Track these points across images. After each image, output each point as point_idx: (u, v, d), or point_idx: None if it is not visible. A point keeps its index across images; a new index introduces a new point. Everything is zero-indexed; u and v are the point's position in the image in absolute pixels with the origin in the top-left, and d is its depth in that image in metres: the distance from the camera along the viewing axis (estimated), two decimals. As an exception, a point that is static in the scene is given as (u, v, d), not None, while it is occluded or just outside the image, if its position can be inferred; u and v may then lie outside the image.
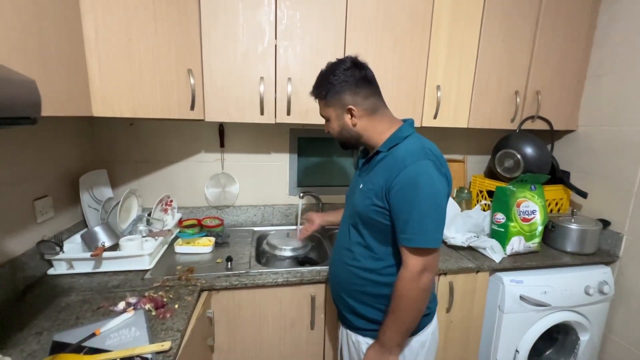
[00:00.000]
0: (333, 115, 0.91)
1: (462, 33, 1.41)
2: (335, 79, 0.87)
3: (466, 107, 1.49)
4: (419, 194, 0.76)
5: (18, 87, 0.46)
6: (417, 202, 0.77)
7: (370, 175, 0.90)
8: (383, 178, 0.83)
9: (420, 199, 0.77)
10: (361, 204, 0.89)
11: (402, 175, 0.78)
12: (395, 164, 0.81)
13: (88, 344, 0.76)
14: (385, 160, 0.86)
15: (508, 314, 1.33)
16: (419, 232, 0.77)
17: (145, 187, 1.55)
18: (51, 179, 1.18)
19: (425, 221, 0.77)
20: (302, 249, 1.39)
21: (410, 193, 0.77)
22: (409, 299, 0.81)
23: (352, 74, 0.87)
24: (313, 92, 0.93)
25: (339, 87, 0.87)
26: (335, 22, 1.28)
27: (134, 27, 1.04)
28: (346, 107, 0.89)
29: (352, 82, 0.87)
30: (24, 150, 1.04)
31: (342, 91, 0.88)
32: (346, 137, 0.93)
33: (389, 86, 1.36)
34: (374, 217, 0.86)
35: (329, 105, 0.91)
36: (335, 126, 0.92)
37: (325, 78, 0.89)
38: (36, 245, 1.06)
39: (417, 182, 0.77)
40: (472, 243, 1.41)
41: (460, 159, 1.90)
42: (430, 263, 0.80)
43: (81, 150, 1.37)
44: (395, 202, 0.80)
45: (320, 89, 0.90)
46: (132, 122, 1.48)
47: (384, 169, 0.84)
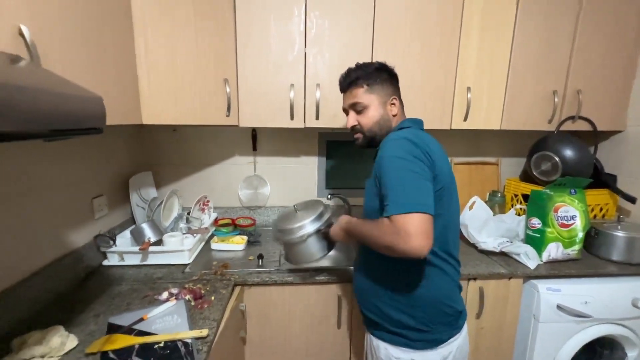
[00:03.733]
0: (376, 103, 0.92)
1: (493, 33, 1.38)
2: (382, 69, 0.93)
3: (498, 108, 1.45)
4: (392, 167, 0.77)
5: (88, 103, 0.54)
6: (393, 169, 0.76)
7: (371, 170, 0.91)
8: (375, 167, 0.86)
9: (394, 171, 0.76)
10: (368, 201, 0.91)
11: (379, 156, 0.81)
12: (381, 146, 0.84)
13: (137, 327, 0.85)
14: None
15: (544, 323, 1.27)
16: (397, 197, 0.73)
17: (185, 188, 1.67)
18: (106, 180, 1.32)
19: (402, 187, 0.73)
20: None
21: (386, 168, 0.78)
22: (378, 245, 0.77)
23: (391, 72, 0.95)
24: (352, 77, 0.93)
25: (386, 75, 0.93)
26: (363, 28, 1.32)
27: (177, 42, 1.15)
28: (391, 97, 0.93)
29: (392, 79, 0.94)
30: (85, 154, 1.18)
31: (389, 81, 0.93)
32: (381, 128, 0.93)
33: (417, 90, 1.37)
34: (377, 207, 0.86)
35: (373, 92, 0.92)
36: (376, 115, 0.92)
37: (372, 65, 0.93)
38: (93, 239, 1.20)
39: (391, 150, 0.79)
40: (504, 248, 1.37)
41: (494, 162, 1.84)
42: (413, 227, 0.69)
43: (130, 154, 1.51)
44: (380, 180, 0.80)
45: (368, 72, 0.92)
46: (175, 128, 1.61)
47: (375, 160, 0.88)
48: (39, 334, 0.76)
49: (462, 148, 1.81)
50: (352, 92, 0.94)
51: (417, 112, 1.39)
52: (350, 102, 0.95)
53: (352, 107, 0.96)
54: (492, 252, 1.39)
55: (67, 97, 0.49)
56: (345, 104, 0.98)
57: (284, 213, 1.16)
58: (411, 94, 1.36)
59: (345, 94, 0.98)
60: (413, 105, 1.37)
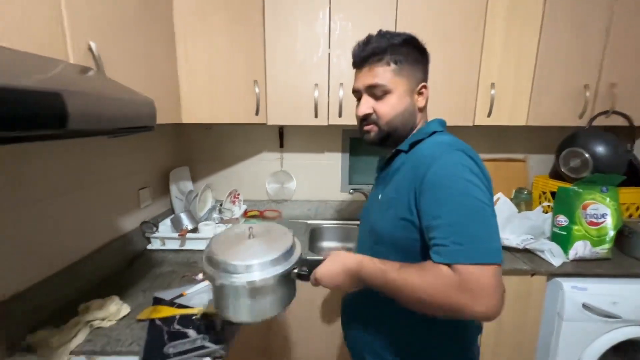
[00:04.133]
0: (401, 89, 0.70)
1: (520, 27, 1.36)
2: (413, 44, 0.71)
3: (525, 104, 1.43)
4: (464, 190, 0.57)
5: (143, 105, 0.65)
6: (464, 199, 0.57)
7: (389, 182, 0.73)
8: (407, 181, 0.65)
9: (467, 196, 0.57)
10: (381, 219, 0.70)
11: (434, 170, 0.60)
12: (423, 161, 0.63)
13: (178, 301, 0.97)
14: (407, 160, 0.69)
15: (568, 321, 1.25)
16: (473, 239, 0.55)
17: (218, 182, 1.81)
18: (150, 174, 1.47)
19: (479, 224, 0.56)
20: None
21: (453, 190, 0.57)
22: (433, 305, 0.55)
23: (423, 50, 0.74)
24: (378, 45, 0.69)
25: (418, 55, 0.71)
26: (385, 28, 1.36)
27: (212, 48, 1.26)
28: (420, 84, 0.72)
29: (425, 58, 0.73)
30: (131, 151, 1.33)
31: (419, 63, 0.72)
32: (403, 122, 0.72)
33: (438, 87, 1.39)
34: (400, 235, 0.66)
35: (401, 74, 0.70)
36: (400, 104, 0.70)
37: (400, 36, 0.70)
38: (140, 225, 1.35)
39: (458, 175, 0.58)
40: (528, 245, 1.36)
41: (521, 159, 1.81)
42: (492, 285, 0.53)
43: (170, 151, 1.66)
44: (429, 205, 0.59)
45: (396, 45, 0.69)
46: (209, 127, 1.75)
47: (406, 172, 0.67)
48: (99, 301, 0.90)
49: (487, 144, 1.79)
50: (372, 68, 0.70)
51: (440, 108, 1.41)
52: (367, 82, 0.71)
53: (369, 90, 0.72)
54: (515, 248, 1.39)
55: (127, 101, 0.60)
56: (360, 83, 0.73)
57: (228, 235, 0.73)
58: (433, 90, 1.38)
59: (360, 70, 0.73)
60: (435, 102, 1.39)
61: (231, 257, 0.63)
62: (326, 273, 0.66)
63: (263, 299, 0.65)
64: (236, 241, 0.70)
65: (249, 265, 0.62)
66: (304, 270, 0.69)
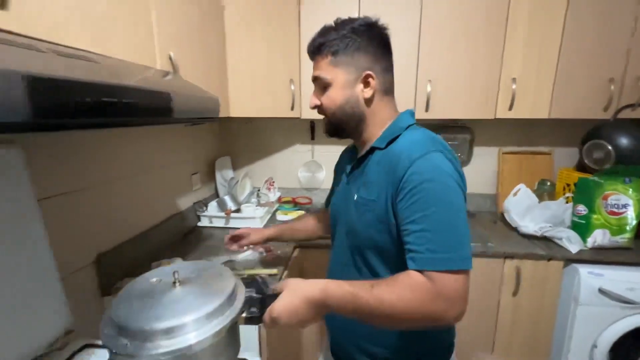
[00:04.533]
0: (340, 80, 0.68)
1: (542, 22, 1.42)
2: (354, 34, 0.66)
3: (547, 97, 1.48)
4: (441, 196, 0.57)
5: (211, 100, 0.83)
6: (440, 206, 0.57)
7: (365, 180, 0.70)
8: (384, 183, 0.64)
9: (444, 202, 0.57)
10: (359, 221, 0.69)
11: (413, 172, 0.59)
12: (399, 162, 0.61)
13: (227, 265, 1.17)
14: (384, 159, 0.67)
15: (583, 305, 1.31)
16: (448, 248, 0.56)
17: (255, 170, 2.01)
18: (199, 161, 1.70)
19: (453, 232, 0.57)
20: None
21: (430, 195, 0.57)
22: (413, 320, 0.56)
23: (376, 35, 0.69)
24: (316, 43, 0.69)
25: (358, 43, 0.66)
26: (410, 28, 1.47)
27: (254, 51, 1.45)
28: (363, 73, 0.67)
29: (375, 45, 0.68)
30: (186, 141, 1.55)
31: (362, 51, 0.67)
32: (347, 115, 0.70)
33: (461, 82, 1.48)
34: (379, 238, 0.66)
35: (338, 65, 0.67)
36: (339, 96, 0.69)
37: (341, 29, 0.67)
38: (192, 205, 1.57)
39: (436, 179, 0.57)
40: (546, 232, 1.42)
41: (546, 152, 1.84)
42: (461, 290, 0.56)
43: (215, 142, 1.88)
44: (407, 208, 0.59)
45: (331, 39, 0.67)
46: (250, 121, 1.95)
47: (383, 172, 0.65)
48: (167, 260, 1.12)
49: (513, 138, 1.84)
50: (316, 61, 0.71)
51: (461, 102, 1.51)
52: (313, 74, 0.72)
53: (315, 82, 0.72)
54: (533, 235, 1.46)
55: (202, 97, 0.78)
56: (312, 76, 0.73)
57: (141, 289, 0.52)
58: (456, 85, 1.49)
59: (313, 63, 0.73)
60: (458, 96, 1.50)
61: (156, 319, 0.44)
62: (284, 310, 0.55)
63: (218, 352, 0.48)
64: (158, 294, 0.49)
65: (183, 325, 0.44)
66: (252, 312, 0.55)
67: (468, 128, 1.83)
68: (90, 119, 0.44)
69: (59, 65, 0.43)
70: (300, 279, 0.60)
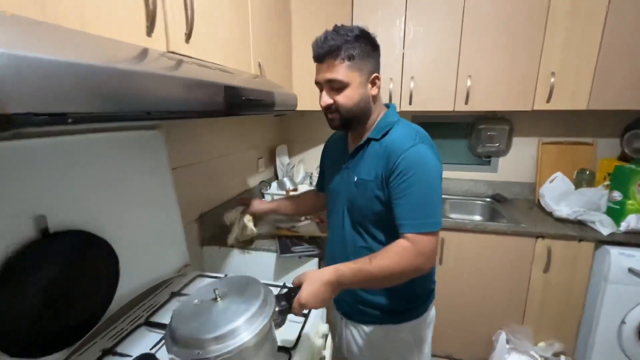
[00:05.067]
0: (357, 82, 0.80)
1: (583, 16, 1.49)
2: (364, 37, 0.80)
3: (586, 89, 1.56)
4: (422, 178, 0.76)
5: (291, 96, 1.10)
6: (421, 186, 0.76)
7: (363, 164, 0.86)
8: (381, 166, 0.81)
9: (424, 183, 0.76)
10: (360, 197, 0.85)
11: (403, 159, 0.76)
12: (394, 149, 0.79)
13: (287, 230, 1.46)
14: (379, 148, 0.83)
15: (613, 283, 1.41)
16: (425, 216, 0.75)
17: (308, 157, 2.29)
18: (263, 147, 2.01)
19: (429, 206, 0.76)
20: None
21: (414, 177, 0.75)
22: (404, 273, 0.74)
23: (375, 42, 0.83)
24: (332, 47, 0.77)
25: (368, 49, 0.80)
26: (452, 28, 1.63)
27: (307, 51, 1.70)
28: (372, 75, 0.82)
29: (377, 50, 0.83)
30: (252, 131, 1.87)
31: (370, 55, 0.80)
32: (361, 110, 0.83)
33: (499, 76, 1.62)
34: (376, 209, 0.83)
35: (354, 69, 0.79)
36: (356, 94, 0.80)
37: (352, 31, 0.78)
38: (258, 184, 1.89)
39: (420, 165, 0.76)
40: (580, 216, 1.52)
41: (589, 142, 1.88)
42: (434, 247, 0.76)
43: (275, 132, 2.19)
44: (396, 187, 0.77)
45: (347, 45, 0.77)
46: (302, 113, 2.23)
47: (379, 158, 0.82)
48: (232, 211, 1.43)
49: (553, 128, 1.91)
50: (330, 64, 0.79)
51: (500, 94, 1.65)
52: (326, 77, 0.80)
53: (329, 84, 0.81)
54: (566, 219, 1.56)
55: (286, 94, 1.05)
56: (321, 77, 0.81)
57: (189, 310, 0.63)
58: (495, 79, 1.62)
59: (320, 65, 0.81)
60: (496, 90, 1.64)
61: (216, 328, 0.56)
62: (310, 295, 0.69)
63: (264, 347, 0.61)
64: (206, 310, 0.61)
65: (236, 328, 0.56)
66: (283, 305, 0.69)
67: (507, 120, 1.93)
68: (238, 110, 0.72)
69: (225, 78, 0.71)
70: (314, 270, 0.81)
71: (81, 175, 0.78)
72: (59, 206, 0.73)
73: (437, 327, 1.68)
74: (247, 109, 0.73)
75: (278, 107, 0.92)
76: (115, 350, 0.79)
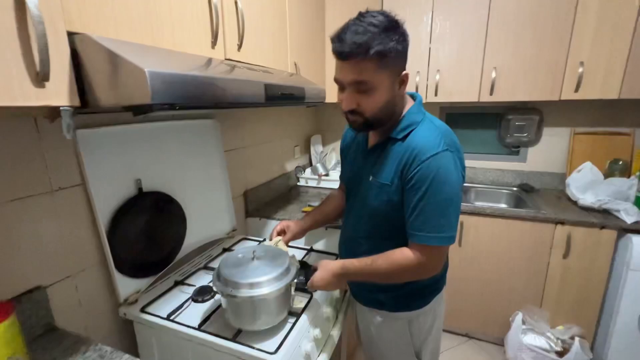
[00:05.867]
0: (386, 83, 0.72)
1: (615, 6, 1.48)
2: (396, 32, 0.69)
3: (618, 78, 1.55)
4: (440, 191, 0.72)
5: (321, 90, 1.30)
6: (438, 199, 0.73)
7: (381, 165, 0.82)
8: (398, 170, 0.77)
9: (441, 196, 0.73)
10: (375, 199, 0.83)
11: (421, 169, 0.72)
12: (413, 155, 0.74)
13: (321, 206, 1.67)
14: (400, 150, 0.78)
15: (635, 271, 1.43)
16: (436, 230, 0.73)
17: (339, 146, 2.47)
18: (299, 137, 2.24)
19: (443, 219, 0.74)
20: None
21: (431, 190, 0.72)
22: (403, 278, 0.81)
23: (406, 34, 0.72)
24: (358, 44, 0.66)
25: (401, 46, 0.70)
26: (478, 24, 1.70)
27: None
28: (402, 74, 0.74)
29: (407, 42, 0.73)
30: (289, 120, 2.10)
31: (402, 53, 0.72)
32: (386, 113, 0.77)
33: (525, 67, 1.66)
34: (391, 213, 0.81)
35: (383, 68, 0.70)
36: (382, 98, 0.73)
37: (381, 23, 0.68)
38: (294, 168, 2.13)
39: (438, 177, 0.72)
40: (604, 205, 1.54)
41: (627, 132, 1.84)
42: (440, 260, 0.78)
43: (310, 122, 2.41)
44: (412, 196, 0.75)
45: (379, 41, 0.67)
46: (336, 106, 2.41)
47: (398, 159, 0.78)
48: (283, 199, 1.67)
49: (586, 118, 1.89)
50: (356, 63, 0.69)
51: (525, 85, 1.69)
52: (352, 77, 0.72)
53: (353, 85, 0.73)
54: (592, 208, 1.58)
55: (316, 88, 1.25)
56: (344, 77, 0.73)
57: (233, 260, 0.86)
58: (520, 71, 1.67)
59: (343, 63, 0.72)
60: (521, 80, 1.69)
61: (247, 277, 0.78)
62: (320, 280, 0.86)
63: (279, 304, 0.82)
64: (243, 264, 0.84)
65: (260, 282, 0.78)
66: (300, 280, 0.90)
67: (537, 110, 1.95)
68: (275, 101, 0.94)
69: (266, 77, 0.93)
70: (328, 260, 0.89)
71: (163, 152, 1.06)
72: (148, 173, 1.01)
73: (456, 305, 1.82)
74: (282, 101, 0.94)
75: (308, 100, 1.13)
76: (184, 282, 1.07)
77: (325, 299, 1.03)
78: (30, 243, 0.76)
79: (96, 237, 0.90)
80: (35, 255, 0.77)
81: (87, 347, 0.74)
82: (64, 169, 0.82)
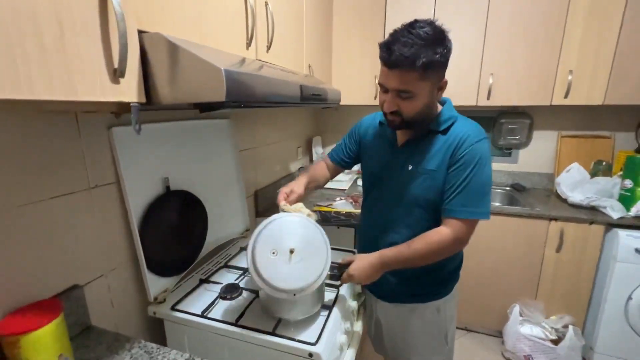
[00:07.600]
0: (427, 90, 0.78)
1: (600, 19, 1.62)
2: (443, 44, 0.74)
3: (602, 86, 1.69)
4: (483, 172, 0.82)
5: (335, 92, 1.34)
6: (481, 178, 0.82)
7: (422, 154, 0.88)
8: (446, 156, 0.85)
9: (483, 177, 0.82)
10: (417, 187, 0.89)
11: (469, 152, 0.82)
12: (461, 141, 0.83)
13: (328, 206, 1.71)
14: (442, 138, 0.87)
15: (620, 262, 1.55)
16: (479, 205, 0.82)
17: (339, 148, 2.52)
18: (301, 138, 2.27)
19: (485, 197, 0.83)
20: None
21: (477, 170, 0.81)
22: (440, 256, 0.86)
23: (450, 46, 0.78)
24: (411, 53, 0.71)
25: (445, 55, 0.75)
26: (477, 29, 1.80)
27: (349, 55, 1.93)
28: (442, 81, 0.81)
29: (449, 52, 0.77)
30: (292, 123, 2.13)
31: (445, 64, 0.77)
32: (423, 116, 0.84)
33: (519, 74, 1.78)
34: (432, 197, 0.87)
35: (426, 79, 0.76)
36: (421, 103, 0.80)
37: (430, 35, 0.72)
38: (298, 169, 2.16)
39: (482, 161, 0.82)
40: (592, 202, 1.67)
41: (607, 136, 1.99)
42: (472, 233, 0.85)
43: (311, 124, 2.44)
44: (456, 176, 0.83)
45: (425, 54, 0.71)
46: (336, 108, 2.47)
47: (444, 147, 0.85)
48: (293, 199, 1.69)
49: (572, 122, 2.04)
50: (401, 74, 0.75)
51: (520, 91, 1.80)
52: (395, 86, 0.78)
53: (396, 92, 0.79)
54: (579, 205, 1.71)
55: (332, 90, 1.29)
56: (388, 83, 0.79)
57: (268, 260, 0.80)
58: (515, 77, 1.78)
59: (390, 71, 0.77)
60: (516, 86, 1.80)
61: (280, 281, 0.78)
62: (357, 270, 0.88)
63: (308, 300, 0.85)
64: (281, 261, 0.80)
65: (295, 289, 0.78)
66: (334, 273, 0.91)
67: (528, 114, 2.08)
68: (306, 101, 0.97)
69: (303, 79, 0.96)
70: (363, 253, 0.92)
71: (186, 150, 1.07)
72: (174, 172, 1.02)
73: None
74: (312, 101, 0.98)
75: (329, 101, 1.17)
76: (209, 280, 1.07)
77: (351, 293, 1.07)
78: (69, 241, 0.75)
79: (127, 235, 0.90)
80: (74, 254, 0.77)
81: (131, 345, 0.74)
82: (99, 166, 0.81)
